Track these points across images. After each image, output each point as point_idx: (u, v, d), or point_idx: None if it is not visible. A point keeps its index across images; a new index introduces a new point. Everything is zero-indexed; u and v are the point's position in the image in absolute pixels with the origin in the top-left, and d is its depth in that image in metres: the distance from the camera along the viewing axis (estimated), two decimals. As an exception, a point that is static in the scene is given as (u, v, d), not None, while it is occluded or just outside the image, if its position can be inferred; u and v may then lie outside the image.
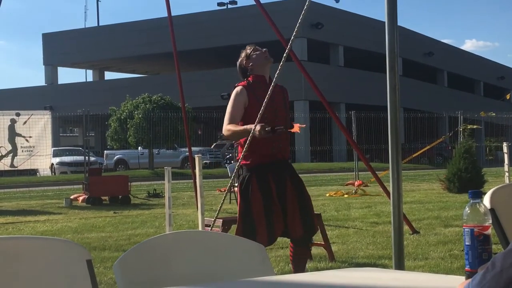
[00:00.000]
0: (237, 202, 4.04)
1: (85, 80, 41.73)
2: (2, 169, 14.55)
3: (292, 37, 4.14)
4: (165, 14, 9.05)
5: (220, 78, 31.16)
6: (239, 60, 3.90)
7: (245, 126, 3.70)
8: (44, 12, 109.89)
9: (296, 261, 3.90)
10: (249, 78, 3.87)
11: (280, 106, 3.84)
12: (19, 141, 13.39)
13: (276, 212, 3.69)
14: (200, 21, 32.16)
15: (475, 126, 12.83)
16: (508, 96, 9.61)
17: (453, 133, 14.74)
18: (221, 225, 5.21)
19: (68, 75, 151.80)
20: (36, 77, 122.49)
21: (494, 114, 11.91)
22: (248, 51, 3.89)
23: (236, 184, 3.92)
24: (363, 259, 5.38)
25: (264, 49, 3.90)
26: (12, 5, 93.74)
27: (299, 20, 3.93)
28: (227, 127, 3.74)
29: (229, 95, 3.94)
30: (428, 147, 13.77)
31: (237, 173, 3.87)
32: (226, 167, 14.00)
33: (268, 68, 3.90)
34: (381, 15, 2.92)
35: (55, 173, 24.61)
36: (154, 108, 24.10)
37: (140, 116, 23.85)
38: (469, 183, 11.14)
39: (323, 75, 26.82)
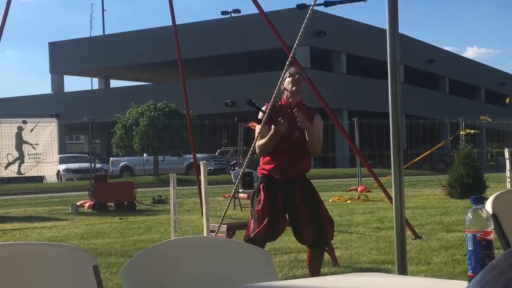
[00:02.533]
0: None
1: (90, 88, 41.90)
2: (10, 176, 14.64)
3: (295, 45, 4.18)
4: (169, 23, 9.12)
5: (224, 86, 31.20)
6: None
7: (268, 135, 3.86)
8: (50, 22, 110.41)
9: (311, 264, 4.09)
10: (279, 101, 4.01)
11: (296, 128, 3.88)
12: (26, 148, 13.49)
13: (280, 217, 3.85)
14: (204, 30, 32.27)
15: (472, 131, 12.83)
16: (507, 100, 9.58)
17: (453, 137, 14.71)
18: (225, 230, 5.24)
19: (74, 83, 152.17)
20: (42, 85, 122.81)
21: (490, 119, 11.91)
22: (287, 73, 4.00)
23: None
24: (366, 264, 5.39)
25: (297, 76, 3.91)
26: (20, 15, 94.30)
27: (301, 29, 3.97)
28: (257, 144, 3.96)
29: (233, 102, 4.09)
30: (428, 151, 13.74)
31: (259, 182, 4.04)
32: (231, 173, 14.02)
33: (294, 95, 3.94)
34: (383, 22, 2.95)
35: (61, 180, 24.69)
36: (159, 115, 24.17)
37: (145, 123, 23.91)
38: (470, 188, 11.13)
39: (326, 82, 26.84)
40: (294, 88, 3.90)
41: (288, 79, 3.96)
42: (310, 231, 3.88)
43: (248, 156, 3.93)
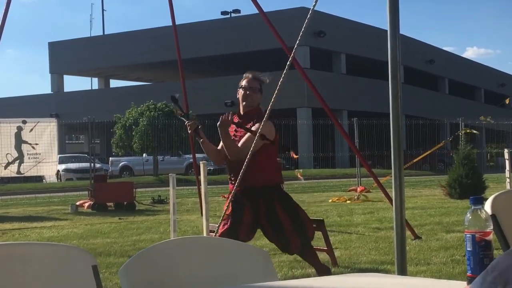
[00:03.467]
0: None
1: (90, 88, 41.90)
2: (9, 175, 14.65)
3: (295, 46, 4.17)
4: (169, 22, 9.12)
5: (223, 86, 31.19)
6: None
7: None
8: (50, 21, 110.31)
9: (309, 263, 4.30)
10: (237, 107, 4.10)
11: (240, 138, 3.96)
12: (25, 148, 13.49)
13: (244, 224, 3.92)
14: (204, 30, 32.27)
15: (474, 131, 12.87)
16: (507, 101, 9.59)
17: (453, 138, 14.73)
18: (225, 231, 5.22)
19: (74, 83, 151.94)
20: (42, 85, 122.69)
21: (490, 119, 12.01)
22: (242, 82, 4.07)
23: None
24: (365, 264, 5.39)
25: (248, 92, 3.98)
26: (20, 14, 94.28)
27: (302, 29, 3.96)
28: None
29: (233, 103, 4.16)
30: (428, 152, 13.74)
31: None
32: (230, 174, 14.00)
33: (244, 107, 4.02)
34: (382, 23, 2.95)
35: (61, 180, 24.69)
36: (158, 115, 24.17)
37: (145, 123, 23.92)
38: (470, 189, 11.13)
39: (325, 82, 26.85)
40: (244, 103, 4.01)
41: (240, 91, 4.02)
42: (278, 243, 4.07)
43: (248, 157, 3.92)
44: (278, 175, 4.03)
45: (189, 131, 3.99)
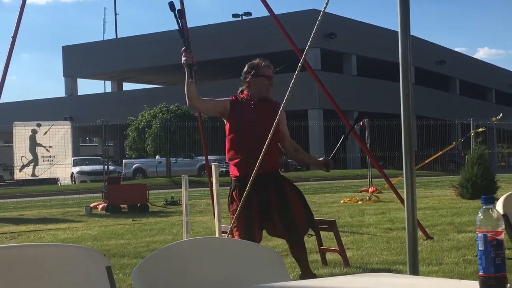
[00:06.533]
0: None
1: (103, 91, 42.16)
2: (24, 178, 14.79)
3: (307, 47, 4.18)
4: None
5: (235, 88, 30.99)
6: (245, 69, 4.15)
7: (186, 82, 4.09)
8: (64, 26, 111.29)
9: (297, 262, 4.23)
10: (241, 94, 4.12)
11: (262, 123, 3.94)
12: (40, 151, 13.63)
13: (255, 222, 3.90)
14: (215, 32, 32.34)
15: (483, 129, 12.85)
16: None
17: (465, 139, 14.68)
18: (237, 232, 5.24)
19: (87, 86, 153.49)
20: (56, 89, 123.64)
21: (501, 115, 12.08)
22: (255, 67, 4.09)
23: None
24: (377, 265, 5.38)
25: (265, 76, 4.01)
26: (34, 19, 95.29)
27: (313, 31, 3.97)
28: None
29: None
30: (440, 153, 13.69)
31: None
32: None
33: (264, 93, 4.06)
34: (393, 24, 2.96)
35: (75, 182, 24.90)
36: (171, 117, 24.27)
37: (157, 125, 24.03)
38: (482, 189, 11.05)
39: (336, 84, 26.80)
40: (268, 95, 4.06)
41: (263, 79, 4.06)
42: (281, 231, 4.02)
43: (260, 158, 3.94)
44: (279, 160, 4.10)
45: (183, 62, 4.00)
